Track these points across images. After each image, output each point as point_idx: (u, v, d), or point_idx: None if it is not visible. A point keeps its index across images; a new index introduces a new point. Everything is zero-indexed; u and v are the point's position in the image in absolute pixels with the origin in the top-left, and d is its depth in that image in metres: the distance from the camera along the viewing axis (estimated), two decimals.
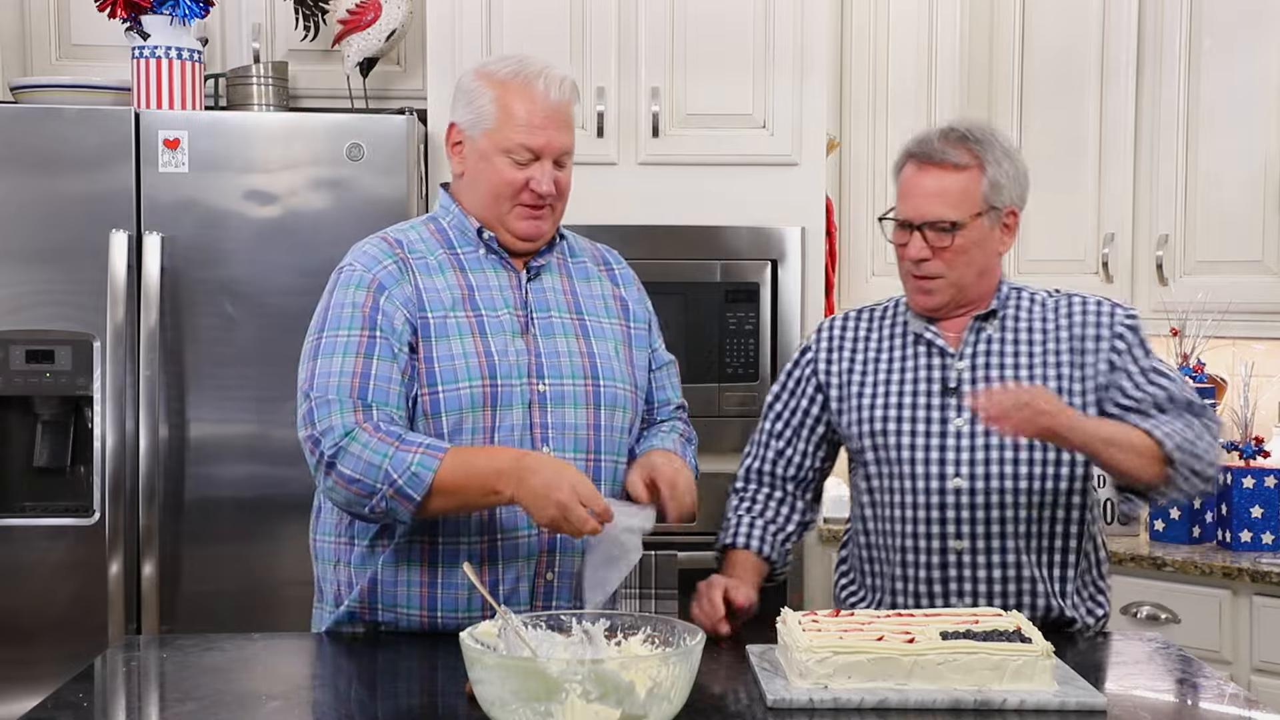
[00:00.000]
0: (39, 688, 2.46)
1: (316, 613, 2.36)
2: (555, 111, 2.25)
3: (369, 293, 2.20)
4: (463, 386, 2.19)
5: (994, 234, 2.35)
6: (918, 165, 2.34)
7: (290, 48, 3.76)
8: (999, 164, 2.33)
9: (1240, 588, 3.17)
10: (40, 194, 3.22)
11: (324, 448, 2.12)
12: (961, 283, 2.34)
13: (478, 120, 2.25)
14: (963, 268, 2.33)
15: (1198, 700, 2.03)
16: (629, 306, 2.41)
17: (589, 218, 3.30)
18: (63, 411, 3.30)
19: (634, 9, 3.55)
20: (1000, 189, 2.33)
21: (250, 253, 3.26)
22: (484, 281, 2.27)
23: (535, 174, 2.24)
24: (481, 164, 2.26)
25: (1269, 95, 3.38)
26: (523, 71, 2.25)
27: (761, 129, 3.54)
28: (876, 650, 1.90)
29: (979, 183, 2.31)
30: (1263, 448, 3.33)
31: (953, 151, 2.31)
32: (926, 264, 2.32)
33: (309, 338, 2.23)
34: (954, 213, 2.30)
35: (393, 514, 2.12)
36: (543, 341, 2.27)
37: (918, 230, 2.31)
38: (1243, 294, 3.38)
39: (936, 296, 2.35)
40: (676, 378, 2.49)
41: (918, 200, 2.32)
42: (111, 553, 3.17)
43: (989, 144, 2.33)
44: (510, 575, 2.23)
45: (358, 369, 2.15)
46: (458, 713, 1.90)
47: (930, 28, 3.83)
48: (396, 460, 2.09)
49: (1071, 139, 3.70)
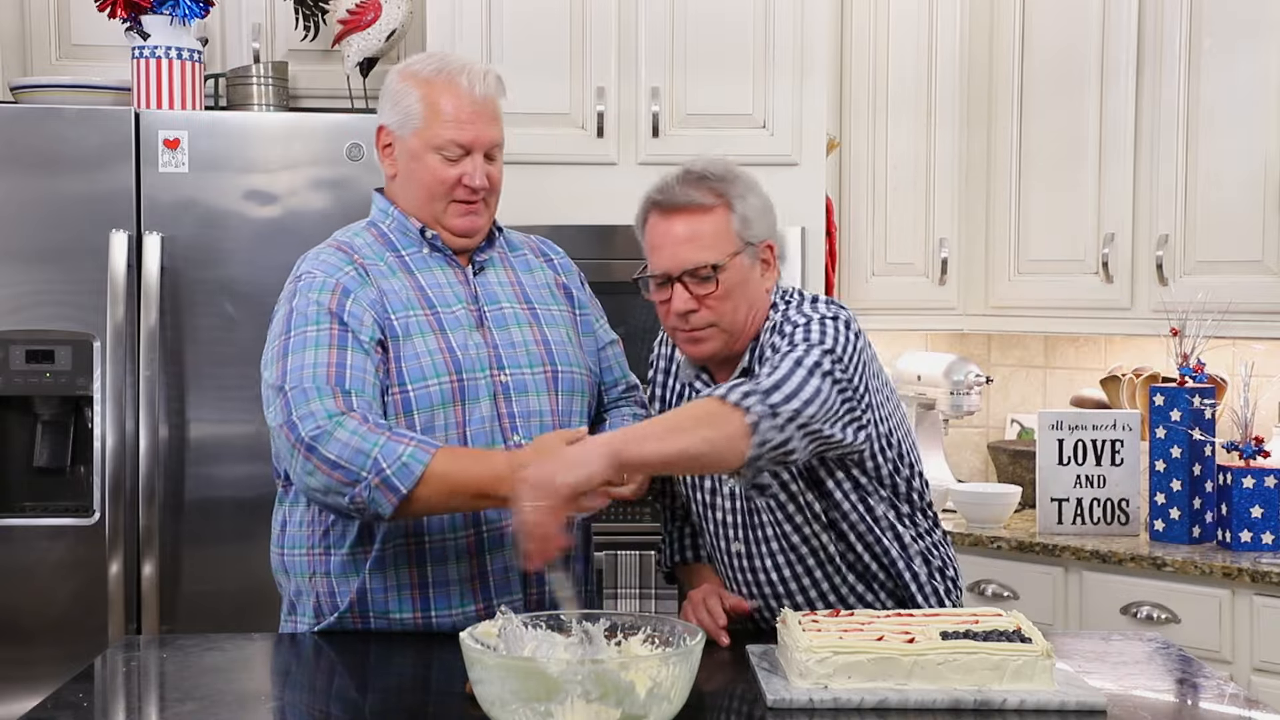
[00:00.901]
0: (39, 688, 2.46)
1: (288, 625, 2.33)
2: (482, 106, 2.26)
3: (334, 294, 2.19)
4: (431, 383, 2.20)
5: (755, 271, 2.24)
6: (662, 214, 2.22)
7: (290, 48, 3.76)
8: (744, 199, 2.23)
9: (1240, 588, 3.17)
10: (40, 194, 3.21)
11: (303, 431, 2.08)
12: (733, 327, 2.23)
13: (405, 120, 2.26)
14: (731, 312, 2.21)
15: (1198, 700, 2.03)
16: (572, 293, 2.44)
17: (589, 218, 3.31)
18: (63, 411, 3.30)
19: (634, 9, 3.55)
20: (750, 224, 2.22)
21: (250, 253, 3.26)
22: (433, 280, 2.28)
23: (467, 169, 2.25)
24: (413, 163, 2.27)
25: (1269, 95, 3.37)
26: (446, 68, 2.27)
27: (761, 129, 3.54)
28: (876, 650, 1.90)
29: (729, 221, 2.20)
30: (1263, 448, 3.33)
31: (696, 193, 2.20)
32: (694, 315, 2.20)
33: (273, 341, 2.21)
34: (711, 255, 2.18)
35: (372, 505, 2.07)
36: (498, 333, 2.29)
37: (677, 282, 2.20)
38: (1243, 294, 3.38)
39: (709, 344, 2.24)
40: (623, 357, 2.51)
41: (671, 249, 2.20)
42: (111, 553, 3.17)
43: (731, 180, 2.23)
44: (499, 565, 2.24)
45: (332, 359, 2.14)
46: (457, 712, 1.90)
47: (930, 28, 3.83)
48: (387, 449, 2.06)
49: (1071, 139, 3.70)
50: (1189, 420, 3.38)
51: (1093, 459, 3.58)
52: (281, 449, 2.14)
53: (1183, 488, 3.41)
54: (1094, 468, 3.57)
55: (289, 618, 2.34)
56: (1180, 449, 3.40)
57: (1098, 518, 3.56)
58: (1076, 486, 3.57)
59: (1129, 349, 3.96)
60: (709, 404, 2.04)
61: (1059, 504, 3.57)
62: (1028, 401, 4.18)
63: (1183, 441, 3.39)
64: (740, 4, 3.55)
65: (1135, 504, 3.56)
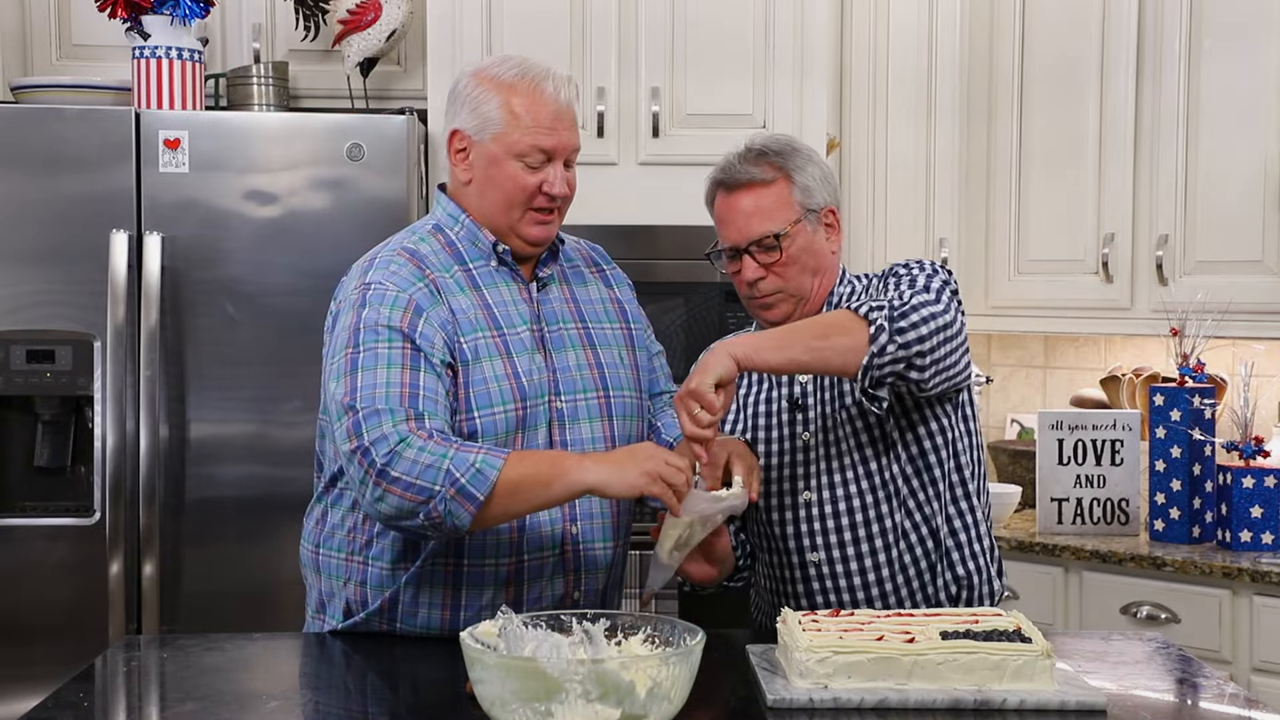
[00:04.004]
0: (39, 688, 2.46)
1: (315, 623, 2.31)
2: (564, 112, 2.23)
3: (406, 312, 2.13)
4: (498, 411, 2.16)
5: (818, 236, 2.37)
6: (727, 191, 2.36)
7: (290, 48, 3.76)
8: (803, 170, 2.35)
9: (1240, 588, 3.17)
10: (41, 194, 3.22)
11: (376, 456, 2.02)
12: (800, 291, 2.35)
13: (484, 125, 2.21)
14: (796, 276, 2.34)
15: (1198, 700, 2.03)
16: (625, 308, 2.41)
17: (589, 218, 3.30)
18: (63, 411, 3.31)
19: (634, 9, 3.55)
20: (811, 192, 2.35)
21: (250, 253, 3.26)
22: (499, 297, 2.24)
23: (549, 176, 2.21)
24: (492, 169, 2.21)
25: (1269, 95, 3.38)
26: (528, 73, 2.21)
27: (761, 129, 3.54)
28: (876, 650, 1.90)
29: (789, 191, 2.33)
30: (1263, 448, 3.33)
31: (756, 169, 2.33)
32: (762, 283, 2.33)
33: (339, 352, 2.14)
34: (774, 224, 2.31)
35: (451, 518, 2.02)
36: (556, 356, 2.25)
37: (745, 253, 2.33)
38: (1243, 294, 3.38)
39: (778, 309, 2.36)
40: (667, 367, 2.51)
41: (738, 224, 2.34)
42: (112, 553, 3.17)
43: (789, 153, 2.35)
44: (535, 595, 2.22)
45: (405, 380, 2.08)
46: (457, 712, 1.90)
47: (930, 28, 3.83)
48: (458, 459, 2.01)
49: (1071, 139, 3.70)
50: (1189, 420, 3.39)
51: (1093, 459, 3.58)
52: (352, 474, 2.08)
53: (1182, 488, 3.41)
54: (1094, 468, 3.57)
55: (316, 615, 2.31)
56: (1180, 449, 3.41)
57: (1098, 518, 3.56)
58: (1076, 486, 3.57)
59: (1129, 349, 3.96)
60: (835, 313, 2.20)
61: (1059, 504, 3.57)
62: (1028, 401, 4.18)
63: (1183, 441, 3.40)
64: (740, 4, 3.55)
65: (1135, 504, 3.56)
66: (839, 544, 2.34)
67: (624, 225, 3.44)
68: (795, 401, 2.37)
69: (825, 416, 2.35)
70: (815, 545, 2.36)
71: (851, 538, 2.34)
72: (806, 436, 2.36)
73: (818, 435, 2.35)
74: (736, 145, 2.39)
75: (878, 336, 2.12)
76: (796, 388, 2.38)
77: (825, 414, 2.35)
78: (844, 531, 2.34)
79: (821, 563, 2.35)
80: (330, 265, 2.31)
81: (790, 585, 2.39)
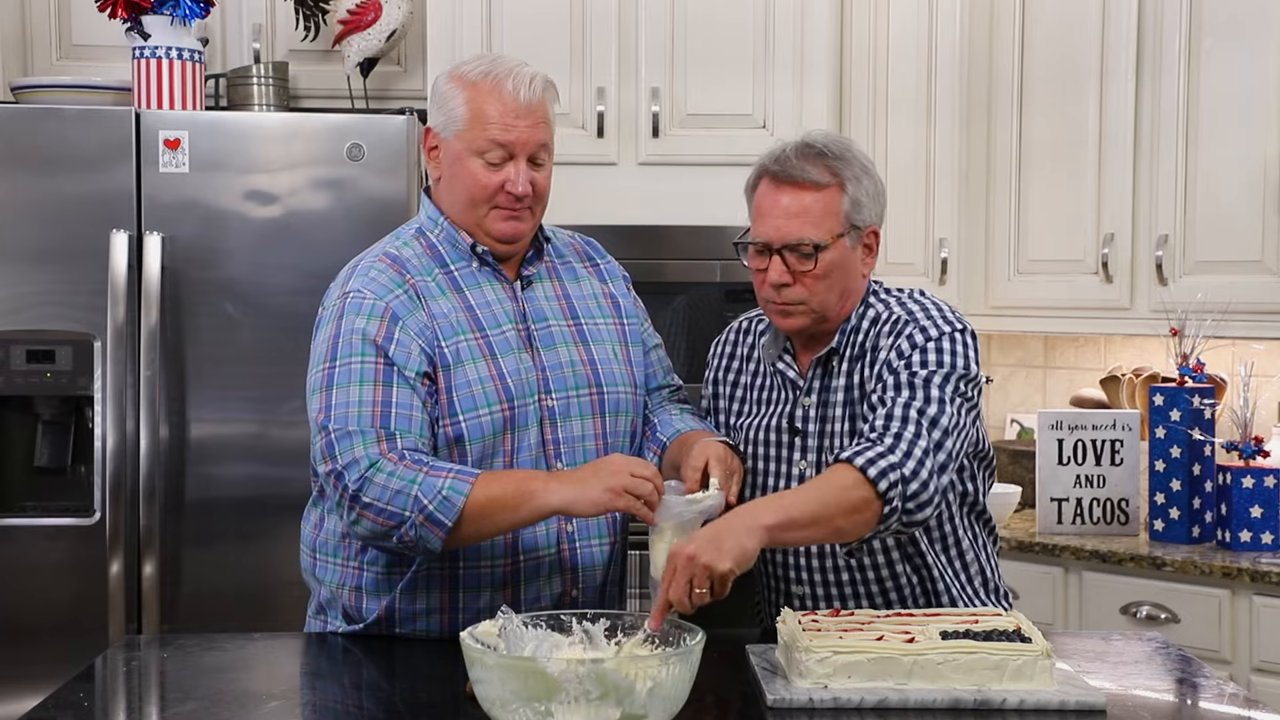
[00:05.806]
0: (39, 688, 2.46)
1: (316, 624, 2.32)
2: (527, 109, 2.20)
3: (382, 321, 2.14)
4: (483, 413, 2.16)
5: (855, 255, 2.23)
6: (774, 183, 2.21)
7: (290, 48, 3.76)
8: (859, 181, 2.21)
9: (1240, 588, 3.17)
10: (41, 194, 3.22)
11: (348, 480, 2.06)
12: (823, 308, 2.22)
13: (449, 122, 2.22)
14: (824, 293, 2.21)
15: (1198, 700, 2.03)
16: (619, 303, 2.40)
17: (589, 218, 3.31)
18: (63, 411, 3.30)
19: (634, 9, 3.55)
20: (861, 207, 2.21)
21: (251, 253, 3.26)
22: (482, 298, 2.24)
23: (510, 174, 2.19)
24: (456, 167, 2.22)
25: (1269, 95, 3.38)
26: (493, 71, 2.21)
27: (761, 129, 3.54)
28: (876, 650, 1.90)
29: (840, 201, 2.19)
30: (1262, 448, 3.33)
31: (812, 169, 2.18)
32: (787, 290, 2.20)
33: (316, 367, 2.16)
34: (816, 233, 2.17)
35: (422, 542, 2.05)
36: (545, 354, 2.25)
37: (776, 254, 2.19)
38: (1242, 294, 3.38)
39: (796, 320, 2.24)
40: (667, 360, 2.48)
41: (777, 221, 2.18)
42: (112, 553, 3.17)
43: (848, 160, 2.21)
44: (533, 595, 2.22)
45: (377, 397, 2.09)
46: (457, 712, 1.90)
47: (930, 28, 3.83)
48: (426, 485, 2.03)
49: (1071, 139, 3.70)
50: (1188, 420, 3.39)
51: (1092, 459, 3.58)
52: (329, 494, 2.13)
53: (1182, 488, 3.41)
54: (1094, 468, 3.57)
55: (317, 616, 2.32)
56: (1180, 449, 3.41)
57: (1097, 518, 3.56)
58: (1076, 486, 3.57)
59: (1129, 349, 3.96)
60: (855, 488, 2.03)
61: (1059, 504, 3.57)
62: (1028, 401, 4.18)
63: (1182, 441, 3.40)
64: (740, 4, 3.55)
65: (1135, 504, 3.56)
66: (823, 583, 2.31)
67: (624, 225, 3.44)
68: (795, 426, 2.30)
69: (824, 450, 2.27)
70: (800, 580, 2.32)
71: (835, 580, 2.30)
72: (804, 466, 2.29)
73: (814, 469, 2.27)
74: (793, 137, 2.25)
75: (889, 518, 2.05)
76: (799, 409, 2.29)
77: (823, 447, 2.27)
78: (828, 573, 2.30)
79: (805, 597, 2.32)
80: (330, 265, 2.31)
81: (777, 610, 2.34)
